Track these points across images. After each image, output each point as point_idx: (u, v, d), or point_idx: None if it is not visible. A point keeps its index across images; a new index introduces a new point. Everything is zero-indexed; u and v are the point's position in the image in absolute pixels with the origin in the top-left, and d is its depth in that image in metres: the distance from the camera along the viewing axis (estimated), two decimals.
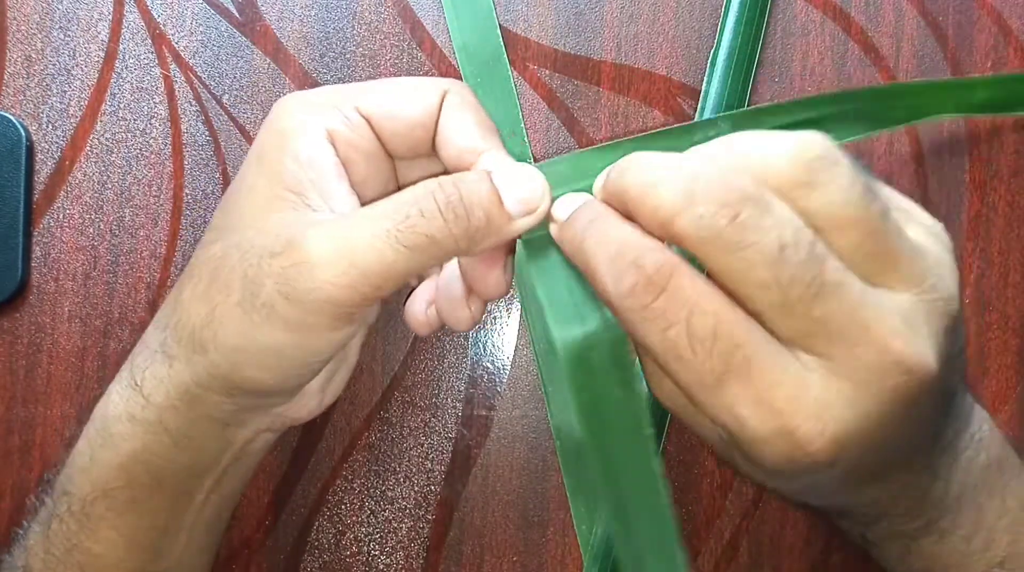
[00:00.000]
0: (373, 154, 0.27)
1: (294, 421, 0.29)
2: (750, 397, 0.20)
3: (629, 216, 0.22)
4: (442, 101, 0.27)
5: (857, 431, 0.21)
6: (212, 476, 0.28)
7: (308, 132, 0.25)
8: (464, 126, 0.26)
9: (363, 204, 0.26)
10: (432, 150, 0.27)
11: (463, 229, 0.24)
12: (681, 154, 0.23)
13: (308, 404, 0.29)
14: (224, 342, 0.24)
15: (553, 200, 0.26)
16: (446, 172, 0.27)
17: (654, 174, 0.21)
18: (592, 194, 0.25)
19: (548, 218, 0.26)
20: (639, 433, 0.23)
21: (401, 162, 0.28)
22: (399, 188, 0.28)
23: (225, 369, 0.25)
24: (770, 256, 0.20)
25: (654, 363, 0.23)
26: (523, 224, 0.25)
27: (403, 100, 0.26)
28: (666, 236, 0.21)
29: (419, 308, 0.29)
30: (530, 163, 0.27)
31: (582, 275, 0.24)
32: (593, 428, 0.24)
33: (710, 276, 0.21)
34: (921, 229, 0.23)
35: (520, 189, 0.25)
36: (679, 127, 0.28)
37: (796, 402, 0.20)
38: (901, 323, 0.21)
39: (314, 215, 0.25)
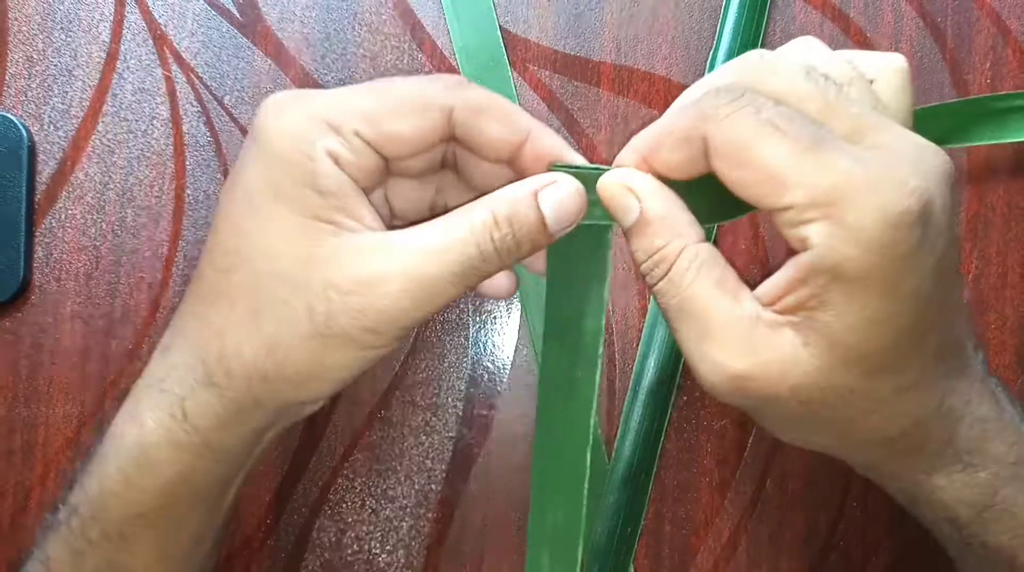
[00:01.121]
0: (375, 171, 0.27)
1: (305, 416, 0.30)
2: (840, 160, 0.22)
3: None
4: (449, 117, 0.26)
5: (920, 194, 0.22)
6: (240, 480, 0.29)
7: (320, 160, 0.25)
8: (492, 134, 0.27)
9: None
10: (432, 150, 0.27)
11: (512, 260, 0.26)
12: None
13: (322, 401, 0.30)
14: (294, 370, 0.25)
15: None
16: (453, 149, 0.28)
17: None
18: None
19: None
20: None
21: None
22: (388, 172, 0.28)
23: (290, 393, 0.26)
24: (801, 74, 0.24)
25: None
26: (558, 237, 0.26)
27: (403, 122, 0.26)
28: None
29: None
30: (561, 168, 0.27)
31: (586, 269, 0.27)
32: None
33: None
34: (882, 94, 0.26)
35: (563, 208, 0.26)
36: None
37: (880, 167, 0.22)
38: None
39: (368, 240, 0.25)
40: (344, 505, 0.37)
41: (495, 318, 0.37)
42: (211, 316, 0.26)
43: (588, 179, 0.27)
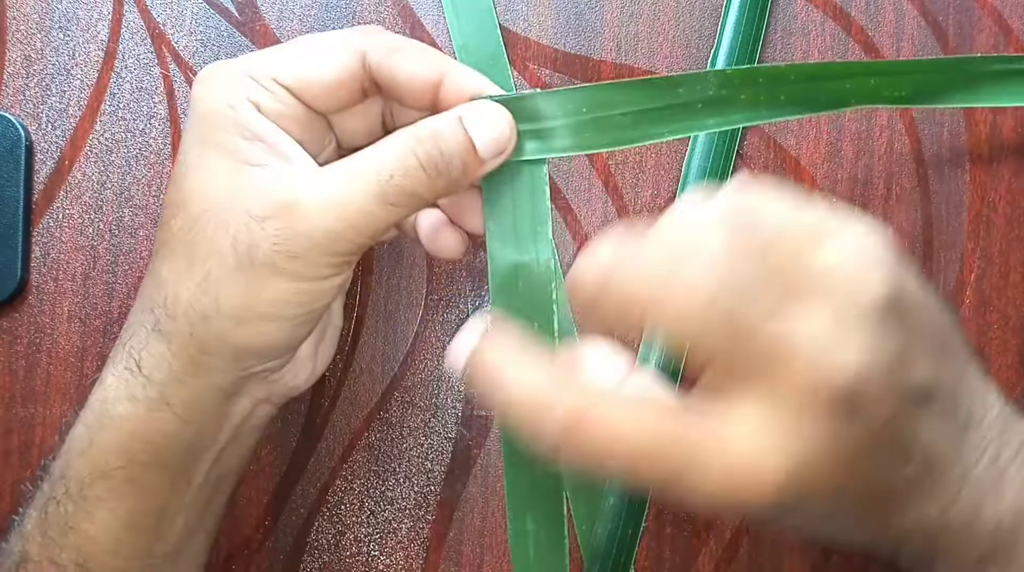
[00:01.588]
0: (301, 117, 0.27)
1: (291, 391, 0.30)
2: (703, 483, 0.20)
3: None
4: (363, 59, 0.27)
5: (806, 464, 0.20)
6: (212, 453, 0.28)
7: (241, 108, 0.26)
8: (406, 71, 0.27)
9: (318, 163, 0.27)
10: (361, 100, 0.28)
11: (444, 182, 0.26)
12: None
13: (303, 370, 0.31)
14: (228, 304, 0.26)
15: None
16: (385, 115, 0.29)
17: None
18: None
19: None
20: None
21: (335, 115, 0.29)
22: (338, 140, 0.30)
23: (232, 331, 0.26)
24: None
25: None
26: (492, 165, 0.27)
27: (318, 66, 0.27)
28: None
29: (436, 234, 0.31)
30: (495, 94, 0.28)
31: (528, 211, 0.28)
32: None
33: None
34: (836, 246, 0.21)
35: (490, 131, 0.26)
36: (663, 78, 0.29)
37: (740, 463, 0.20)
38: (820, 342, 0.20)
39: (287, 171, 0.26)
40: (343, 506, 0.36)
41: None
42: (157, 266, 0.27)
43: (518, 108, 0.27)
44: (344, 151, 0.30)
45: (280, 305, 0.26)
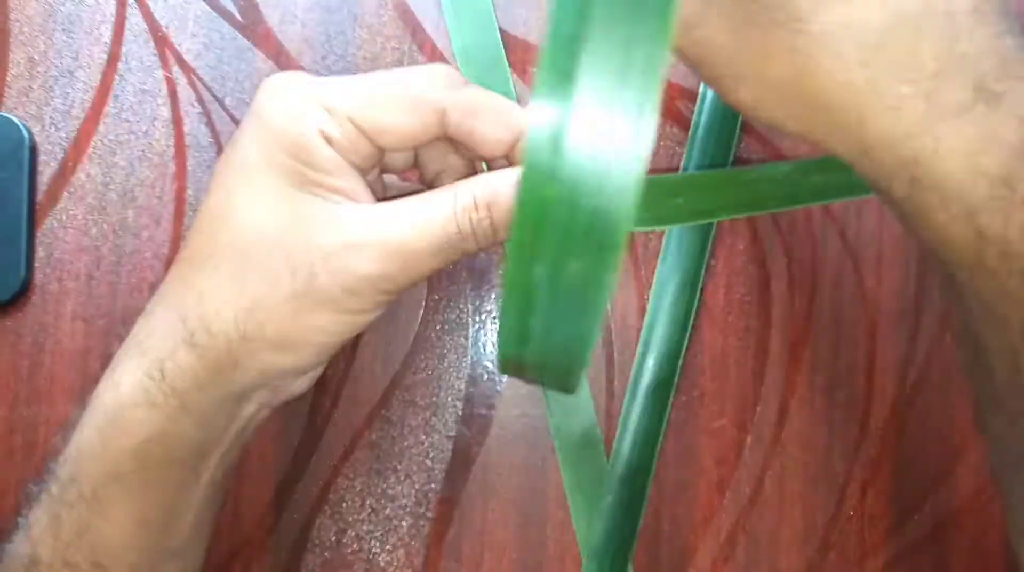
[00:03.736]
0: (364, 152, 0.28)
1: (290, 395, 0.31)
2: None
3: None
4: (442, 118, 0.27)
5: None
6: (218, 453, 0.29)
7: (313, 137, 0.26)
8: (484, 134, 0.27)
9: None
10: (423, 143, 0.28)
11: (489, 243, 0.27)
12: None
13: (307, 378, 0.31)
14: (273, 330, 0.26)
15: None
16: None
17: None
18: None
19: None
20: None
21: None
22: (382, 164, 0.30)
23: (269, 354, 0.26)
24: None
25: None
26: None
27: (397, 119, 0.27)
28: None
29: None
30: None
31: None
32: None
33: None
34: None
35: None
36: (739, 173, 0.31)
37: None
38: None
39: (355, 208, 0.27)
40: (344, 504, 0.37)
41: (495, 318, 0.38)
42: (194, 278, 0.27)
43: None
44: (384, 167, 0.30)
45: (322, 334, 0.27)
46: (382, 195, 0.30)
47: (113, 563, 0.27)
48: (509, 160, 0.28)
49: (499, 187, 0.27)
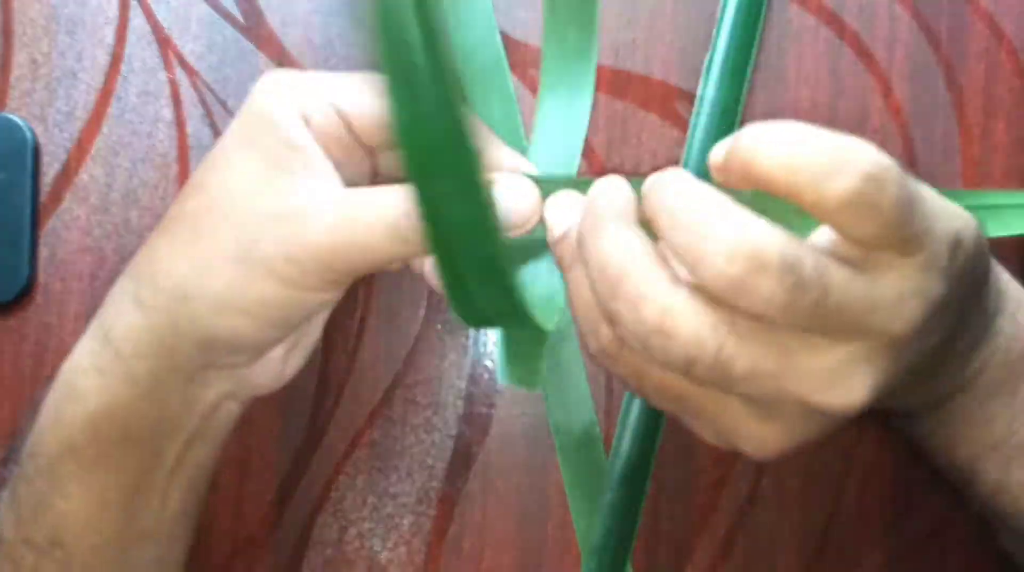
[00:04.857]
0: (344, 141, 0.28)
1: (256, 389, 0.30)
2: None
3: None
4: None
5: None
6: (179, 438, 0.29)
7: (290, 119, 0.27)
8: None
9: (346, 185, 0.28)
10: None
11: None
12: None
13: (270, 371, 0.30)
14: (213, 292, 0.26)
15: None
16: None
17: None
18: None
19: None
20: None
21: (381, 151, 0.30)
22: (376, 173, 0.30)
23: (207, 317, 0.26)
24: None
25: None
26: (513, 234, 0.27)
27: (376, 105, 0.27)
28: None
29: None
30: (529, 172, 0.28)
31: None
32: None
33: None
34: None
35: (515, 204, 0.27)
36: None
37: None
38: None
39: (312, 184, 0.27)
40: (346, 502, 0.37)
41: None
42: (154, 240, 0.28)
43: (550, 189, 0.28)
44: (379, 181, 0.30)
45: (262, 305, 0.26)
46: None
47: (74, 542, 0.27)
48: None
49: None
